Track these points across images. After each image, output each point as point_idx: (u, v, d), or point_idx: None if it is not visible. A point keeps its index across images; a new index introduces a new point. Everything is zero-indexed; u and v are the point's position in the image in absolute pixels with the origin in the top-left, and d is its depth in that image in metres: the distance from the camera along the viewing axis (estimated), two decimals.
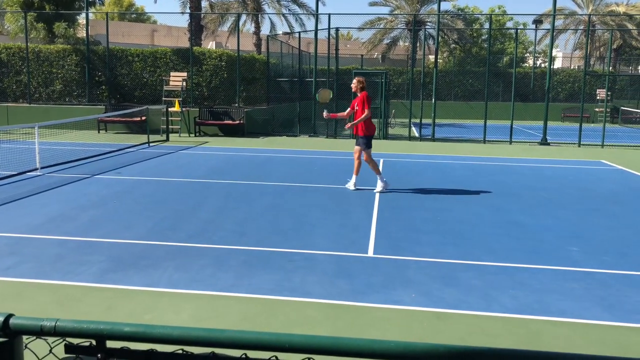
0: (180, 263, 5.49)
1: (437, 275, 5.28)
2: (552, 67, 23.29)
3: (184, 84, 18.55)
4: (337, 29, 18.74)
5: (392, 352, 1.36)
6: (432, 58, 27.24)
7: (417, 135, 18.59)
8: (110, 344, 1.51)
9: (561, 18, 38.40)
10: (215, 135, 18.03)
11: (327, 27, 18.24)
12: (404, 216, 7.63)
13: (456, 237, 6.62)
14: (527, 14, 68.48)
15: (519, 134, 20.02)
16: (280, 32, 28.64)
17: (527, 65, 38.81)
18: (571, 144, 17.61)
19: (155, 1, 51.19)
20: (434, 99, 18.19)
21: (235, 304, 4.55)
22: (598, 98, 29.42)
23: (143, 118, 17.06)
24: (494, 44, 36.88)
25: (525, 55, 41.14)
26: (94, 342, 1.51)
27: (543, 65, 39.89)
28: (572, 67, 40.79)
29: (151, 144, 14.92)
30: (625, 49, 38.95)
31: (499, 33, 39.04)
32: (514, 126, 18.08)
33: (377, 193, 9.04)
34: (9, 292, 4.74)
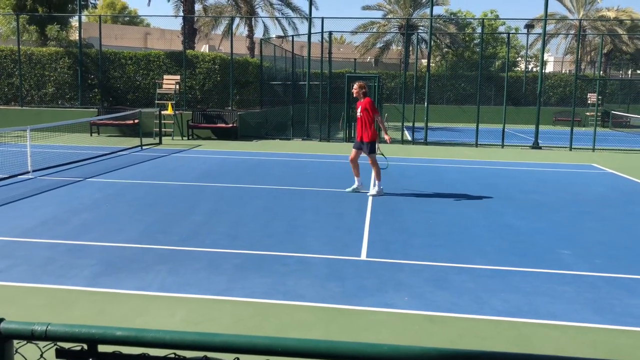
0: (172, 266, 5.47)
1: (430, 278, 5.29)
2: (544, 72, 23.43)
3: (177, 87, 18.51)
4: (330, 33, 18.79)
5: (385, 356, 1.37)
6: (425, 62, 27.35)
7: (410, 138, 18.65)
8: (102, 348, 1.51)
9: (552, 23, 38.67)
10: (208, 138, 18.00)
11: (321, 31, 18.33)
12: (397, 219, 7.65)
13: (448, 240, 6.64)
14: (519, 18, 68.80)
15: (511, 138, 20.12)
16: (273, 36, 28.65)
17: (519, 69, 39.03)
18: (562, 147, 17.72)
19: (149, 4, 51.09)
20: (426, 103, 18.26)
21: (228, 308, 4.54)
22: (589, 102, 29.62)
23: (136, 121, 17.00)
24: (486, 48, 37.05)
25: (517, 59, 41.36)
26: (85, 347, 1.50)
27: (535, 69, 40.12)
28: (564, 72, 41.03)
29: (144, 147, 14.88)
30: (616, 54, 39.25)
31: (491, 37, 39.22)
32: (506, 130, 18.17)
33: (370, 196, 9.07)
34: (0, 296, 4.71)
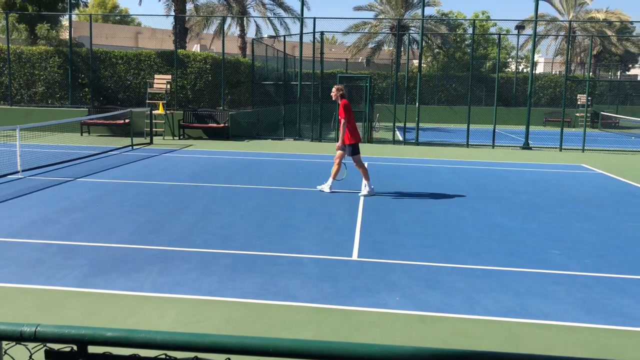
0: (163, 267, 5.45)
1: (421, 278, 5.30)
2: (534, 72, 23.57)
3: (168, 86, 18.44)
4: (322, 33, 18.80)
5: (377, 356, 1.37)
6: (416, 62, 27.43)
7: (401, 139, 18.70)
8: (92, 349, 1.49)
9: (543, 24, 38.92)
10: (200, 138, 17.94)
11: (312, 31, 18.32)
12: (389, 219, 7.66)
13: (440, 240, 6.66)
14: (510, 19, 69.25)
15: (502, 138, 20.22)
16: (265, 36, 28.61)
17: (510, 70, 39.25)
18: (553, 148, 17.84)
19: (140, 3, 50.82)
20: (417, 103, 18.31)
21: (219, 308, 4.52)
22: (579, 103, 29.85)
23: (127, 121, 16.91)
24: (477, 49, 37.22)
25: (508, 60, 41.60)
26: (75, 348, 1.49)
27: (525, 70, 40.37)
28: (554, 73, 41.32)
29: (135, 147, 14.81)
30: (605, 55, 39.59)
31: (482, 38, 39.42)
32: (496, 130, 18.27)
33: (362, 196, 9.08)
34: None
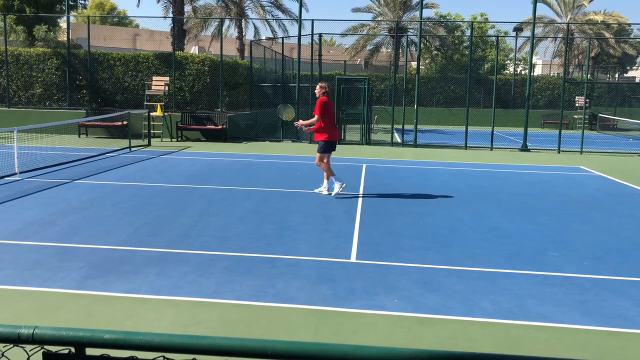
0: (161, 269, 5.44)
1: (419, 281, 5.30)
2: (532, 74, 23.61)
3: (166, 88, 18.44)
4: (320, 35, 18.80)
5: (375, 358, 1.37)
6: (414, 64, 27.45)
7: (400, 141, 18.70)
8: (90, 351, 1.49)
9: (541, 26, 39.01)
10: (198, 140, 17.93)
11: (311, 33, 18.30)
12: (387, 221, 7.66)
13: (438, 243, 6.66)
14: (508, 21, 69.55)
15: (500, 140, 20.24)
16: (263, 38, 28.64)
17: (508, 72, 39.32)
18: (551, 150, 17.86)
19: (138, 5, 50.87)
20: (416, 105, 18.32)
21: (217, 310, 4.52)
22: (577, 105, 29.92)
23: (124, 122, 16.89)
24: (475, 51, 37.28)
25: (506, 62, 41.69)
26: (73, 350, 1.49)
27: (523, 72, 40.45)
28: (552, 75, 41.41)
29: (133, 149, 14.79)
30: (603, 57, 39.70)
31: (480, 40, 39.50)
32: (494, 132, 18.29)
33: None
34: None
